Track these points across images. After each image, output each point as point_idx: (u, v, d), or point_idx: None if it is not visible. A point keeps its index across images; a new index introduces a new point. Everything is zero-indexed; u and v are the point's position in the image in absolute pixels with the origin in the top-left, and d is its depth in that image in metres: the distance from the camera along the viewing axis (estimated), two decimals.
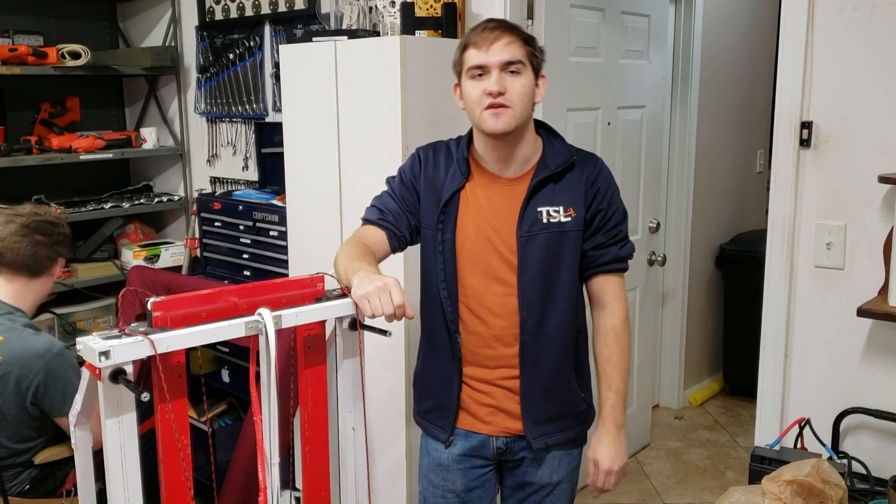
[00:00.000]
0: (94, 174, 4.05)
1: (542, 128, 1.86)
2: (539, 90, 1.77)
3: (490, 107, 1.70)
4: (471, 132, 1.85)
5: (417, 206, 1.84)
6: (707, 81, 4.04)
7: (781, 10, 2.20)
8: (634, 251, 1.87)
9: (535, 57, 1.74)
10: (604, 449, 1.80)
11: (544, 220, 1.76)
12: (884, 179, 1.98)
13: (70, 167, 3.73)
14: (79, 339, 1.38)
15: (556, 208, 1.76)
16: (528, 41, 1.73)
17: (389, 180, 1.91)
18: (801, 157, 2.20)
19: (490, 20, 1.76)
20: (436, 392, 1.89)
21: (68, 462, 2.32)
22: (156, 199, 3.97)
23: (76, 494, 1.62)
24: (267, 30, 3.52)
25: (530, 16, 2.79)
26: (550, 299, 1.78)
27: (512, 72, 1.69)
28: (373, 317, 1.56)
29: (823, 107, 2.15)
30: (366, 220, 1.86)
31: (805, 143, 2.18)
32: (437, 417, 1.89)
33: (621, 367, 1.81)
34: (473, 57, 1.71)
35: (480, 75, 1.71)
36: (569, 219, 1.76)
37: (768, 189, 2.29)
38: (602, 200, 1.79)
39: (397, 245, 1.84)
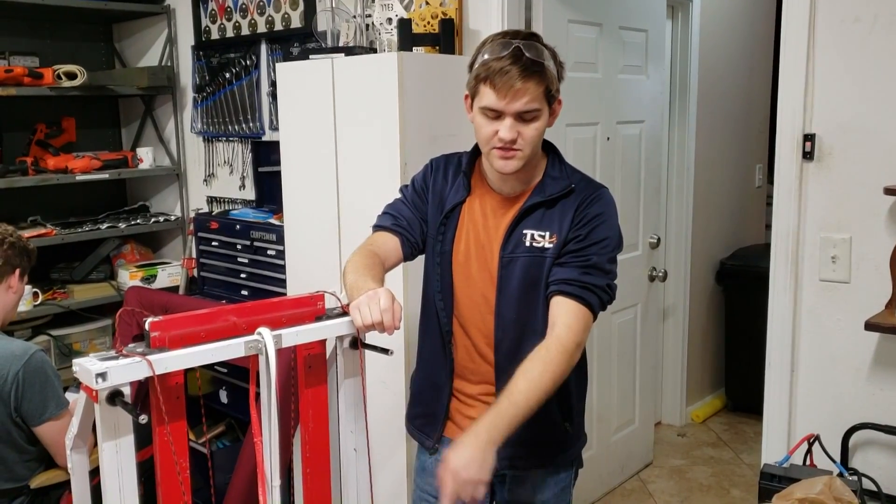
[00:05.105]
0: (91, 195, 4.02)
1: (550, 150, 1.79)
2: (554, 115, 1.69)
3: (500, 149, 1.64)
4: (477, 145, 1.80)
5: (427, 214, 1.83)
6: (705, 96, 4.04)
7: (782, 22, 2.20)
8: (608, 291, 1.69)
9: (552, 89, 1.63)
10: (459, 449, 1.49)
11: (527, 244, 1.71)
12: (890, 191, 1.97)
13: (66, 188, 3.71)
14: (75, 361, 1.35)
15: (542, 233, 1.71)
16: (548, 78, 1.61)
17: (402, 189, 1.90)
18: (805, 169, 2.19)
19: (515, 54, 1.58)
20: (426, 399, 1.88)
21: (63, 485, 2.28)
22: (152, 220, 3.95)
23: None
24: (263, 48, 3.51)
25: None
26: (528, 324, 1.72)
27: (527, 120, 1.62)
28: (363, 327, 1.53)
29: (826, 118, 2.14)
30: (378, 227, 1.83)
31: (808, 155, 2.17)
32: (424, 424, 1.89)
33: (533, 385, 1.55)
34: (489, 98, 1.60)
35: (495, 117, 1.63)
36: (551, 245, 1.70)
37: (768, 204, 2.28)
38: (583, 227, 1.69)
39: (410, 252, 1.81)
